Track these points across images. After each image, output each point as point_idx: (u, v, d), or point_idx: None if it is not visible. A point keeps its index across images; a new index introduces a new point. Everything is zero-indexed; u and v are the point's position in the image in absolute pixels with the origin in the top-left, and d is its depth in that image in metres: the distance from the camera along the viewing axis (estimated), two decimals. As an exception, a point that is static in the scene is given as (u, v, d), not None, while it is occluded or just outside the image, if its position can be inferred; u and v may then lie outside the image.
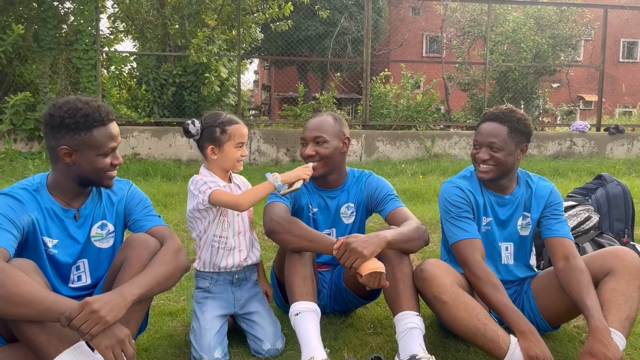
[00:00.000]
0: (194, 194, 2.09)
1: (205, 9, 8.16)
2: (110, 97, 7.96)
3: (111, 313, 1.55)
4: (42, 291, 1.57)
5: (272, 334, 2.15)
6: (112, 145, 1.84)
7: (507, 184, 2.28)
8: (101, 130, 1.80)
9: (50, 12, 7.39)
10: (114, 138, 1.84)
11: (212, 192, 2.04)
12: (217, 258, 2.15)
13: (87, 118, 1.77)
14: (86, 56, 7.51)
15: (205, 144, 2.15)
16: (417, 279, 2.03)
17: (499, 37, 11.67)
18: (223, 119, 2.15)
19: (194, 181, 2.11)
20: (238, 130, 2.15)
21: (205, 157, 2.20)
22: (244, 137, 2.17)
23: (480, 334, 1.89)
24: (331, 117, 2.37)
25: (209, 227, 2.14)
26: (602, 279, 2.00)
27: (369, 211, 2.48)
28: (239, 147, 2.16)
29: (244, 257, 2.20)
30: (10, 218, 1.71)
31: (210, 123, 2.14)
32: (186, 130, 2.14)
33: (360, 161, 8.02)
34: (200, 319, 2.10)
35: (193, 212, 2.12)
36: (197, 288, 2.21)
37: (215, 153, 2.14)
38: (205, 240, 2.15)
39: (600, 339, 1.80)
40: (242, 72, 8.85)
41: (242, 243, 2.20)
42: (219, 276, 2.18)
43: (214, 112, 2.19)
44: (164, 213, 4.38)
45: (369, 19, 8.61)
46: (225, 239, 2.15)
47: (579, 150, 8.69)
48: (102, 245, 1.97)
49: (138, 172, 6.44)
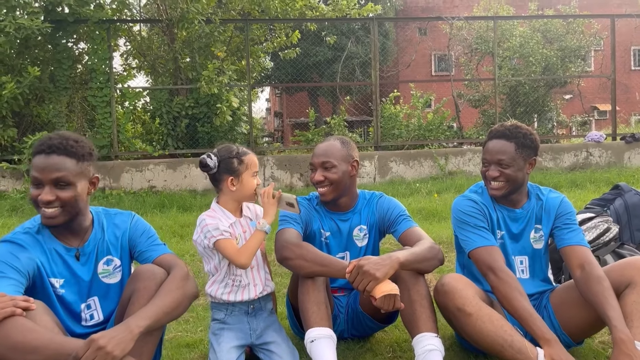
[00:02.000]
0: (201, 237, 2.09)
1: (215, 42, 8.33)
2: (126, 132, 8.11)
3: (118, 347, 1.55)
4: (47, 335, 1.57)
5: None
6: (36, 175, 1.77)
7: (518, 198, 2.27)
8: (35, 159, 1.79)
9: (65, 54, 7.61)
10: (38, 170, 1.76)
11: (216, 242, 2.06)
12: (231, 295, 2.14)
13: (36, 147, 1.80)
14: (101, 94, 7.69)
15: (224, 176, 2.14)
16: (438, 292, 2.02)
17: (507, 52, 11.67)
18: (239, 150, 2.17)
19: (201, 225, 2.10)
20: (252, 160, 2.19)
21: (220, 191, 2.19)
22: (257, 165, 2.21)
23: (507, 345, 1.85)
24: (338, 142, 2.38)
25: (220, 265, 2.14)
26: (622, 291, 1.96)
27: (382, 233, 2.47)
28: (254, 176, 2.19)
29: (260, 291, 2.19)
30: (14, 265, 1.73)
31: (227, 155, 2.15)
32: (204, 164, 2.12)
33: (374, 182, 8.00)
34: (217, 350, 2.08)
35: (203, 248, 2.13)
36: (212, 320, 2.20)
37: (234, 184, 2.14)
38: (217, 277, 2.15)
39: (625, 351, 1.77)
40: (253, 101, 9.00)
41: (257, 277, 2.19)
42: (234, 307, 2.17)
43: (226, 145, 2.21)
44: (180, 244, 4.40)
45: (376, 43, 8.70)
46: (239, 277, 2.15)
47: (596, 160, 8.56)
48: (110, 281, 1.97)
49: (154, 205, 6.50)
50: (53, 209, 1.78)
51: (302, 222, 2.32)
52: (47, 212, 1.78)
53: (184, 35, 8.43)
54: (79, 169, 1.82)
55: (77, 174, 1.80)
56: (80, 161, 1.82)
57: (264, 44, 9.51)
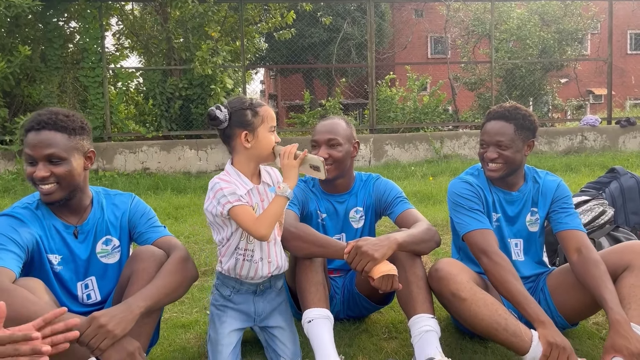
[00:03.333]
0: (213, 203, 1.85)
1: (209, 22, 8.21)
2: (118, 113, 8.03)
3: (119, 326, 1.54)
4: (48, 309, 1.55)
5: (292, 353, 2.05)
6: (30, 153, 1.76)
7: (514, 180, 2.26)
8: (28, 137, 1.77)
9: (56, 32, 7.48)
10: (31, 147, 1.75)
11: (232, 209, 1.81)
12: (242, 270, 1.94)
13: (27, 124, 1.79)
14: (93, 74, 7.59)
15: (237, 130, 1.86)
16: (432, 278, 2.01)
17: (504, 35, 11.61)
18: (252, 101, 1.90)
19: (214, 189, 1.85)
20: (269, 112, 1.91)
21: (233, 150, 1.92)
22: (274, 119, 1.93)
23: (501, 328, 1.85)
24: (343, 121, 2.38)
25: (232, 237, 1.91)
26: (620, 274, 1.97)
27: (378, 214, 2.46)
28: (272, 132, 1.92)
29: (274, 269, 1.98)
30: (13, 238, 1.71)
31: (239, 106, 1.87)
32: (212, 117, 1.85)
33: (370, 165, 7.99)
34: (219, 330, 1.98)
35: (213, 217, 1.90)
36: (217, 291, 2.03)
37: (249, 140, 1.87)
38: (227, 248, 1.93)
39: (621, 332, 1.77)
40: (247, 82, 8.89)
41: (272, 252, 1.97)
42: (242, 286, 1.99)
43: (238, 97, 1.94)
44: (174, 226, 4.38)
45: (372, 24, 8.61)
46: (251, 252, 1.92)
47: (591, 144, 8.59)
48: (109, 261, 1.95)
49: (148, 187, 6.47)
50: (49, 185, 1.77)
51: (299, 203, 2.31)
52: (44, 189, 1.77)
53: (177, 14, 8.30)
54: (71, 143, 1.79)
55: (69, 148, 1.78)
56: (72, 135, 1.80)
57: (258, 24, 9.38)
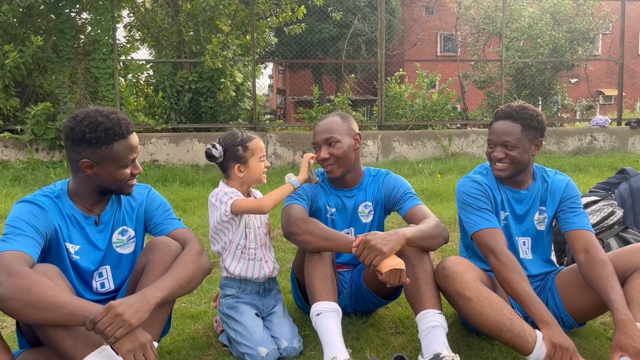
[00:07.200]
0: (216, 206, 2.13)
1: (219, 15, 8.22)
2: (128, 104, 8.06)
3: (135, 316, 1.57)
4: (67, 296, 1.59)
5: (289, 333, 2.16)
6: (132, 157, 1.86)
7: (523, 179, 2.26)
8: (121, 143, 1.81)
9: (68, 23, 7.52)
10: (133, 149, 1.86)
11: (234, 202, 2.10)
12: (248, 271, 2.20)
13: (108, 132, 1.78)
14: (104, 65, 7.63)
15: (231, 164, 2.20)
16: (439, 276, 2.01)
17: (515, 33, 11.53)
18: (242, 137, 2.21)
19: (214, 194, 2.16)
20: (258, 145, 2.23)
21: (228, 177, 2.24)
22: (263, 149, 2.26)
23: (506, 329, 1.86)
24: (338, 117, 2.38)
25: (234, 237, 2.18)
26: (629, 276, 1.97)
27: (387, 210, 2.47)
28: (262, 160, 2.24)
29: (272, 269, 2.26)
30: (33, 224, 1.74)
31: (231, 143, 2.20)
32: (210, 155, 2.19)
33: (377, 162, 7.99)
34: (242, 319, 2.13)
35: (217, 224, 2.17)
36: (224, 297, 2.23)
37: (241, 171, 2.20)
38: (230, 250, 2.19)
39: (626, 332, 1.78)
40: (257, 77, 8.90)
41: (267, 255, 2.27)
42: (247, 285, 2.22)
43: (230, 133, 2.25)
44: (183, 218, 4.41)
45: (382, 20, 8.59)
46: (253, 250, 2.21)
47: (600, 145, 8.54)
48: (124, 251, 1.98)
49: (157, 179, 6.51)
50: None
51: (308, 198, 2.33)
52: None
53: (189, 7, 8.32)
54: None
55: None
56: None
57: (269, 18, 9.39)
